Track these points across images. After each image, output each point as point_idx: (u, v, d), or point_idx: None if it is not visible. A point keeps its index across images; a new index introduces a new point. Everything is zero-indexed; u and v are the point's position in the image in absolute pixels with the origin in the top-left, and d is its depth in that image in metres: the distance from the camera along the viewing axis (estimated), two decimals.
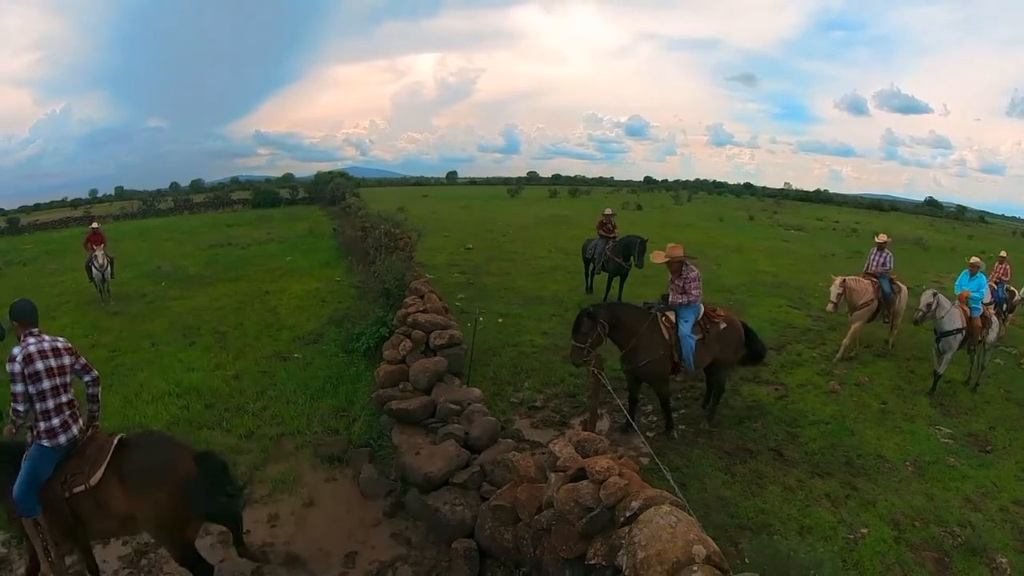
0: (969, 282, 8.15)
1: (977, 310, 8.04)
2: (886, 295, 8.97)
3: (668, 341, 5.83)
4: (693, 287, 5.99)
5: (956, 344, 7.77)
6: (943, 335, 7.73)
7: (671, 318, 5.97)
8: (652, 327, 5.83)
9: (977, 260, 8.35)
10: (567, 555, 3.12)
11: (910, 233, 31.54)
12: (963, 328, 7.75)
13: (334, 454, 5.67)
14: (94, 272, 11.86)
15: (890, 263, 9.29)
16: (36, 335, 3.57)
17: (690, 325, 5.92)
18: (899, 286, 9.31)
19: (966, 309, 7.93)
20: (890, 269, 9.27)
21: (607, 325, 5.60)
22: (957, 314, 7.77)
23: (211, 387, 7.30)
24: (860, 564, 4.40)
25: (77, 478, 3.51)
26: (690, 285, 5.99)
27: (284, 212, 34.55)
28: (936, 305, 7.63)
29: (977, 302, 8.06)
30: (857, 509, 5.05)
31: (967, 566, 4.45)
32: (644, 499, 2.82)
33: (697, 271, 6.11)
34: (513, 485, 3.97)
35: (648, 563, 2.45)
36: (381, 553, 4.42)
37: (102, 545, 4.53)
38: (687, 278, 6.00)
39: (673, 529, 2.53)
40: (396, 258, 10.27)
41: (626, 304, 6.04)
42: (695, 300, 6.01)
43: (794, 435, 6.33)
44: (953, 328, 7.70)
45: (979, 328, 8.00)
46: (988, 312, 8.29)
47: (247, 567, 4.29)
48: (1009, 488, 5.53)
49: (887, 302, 9.00)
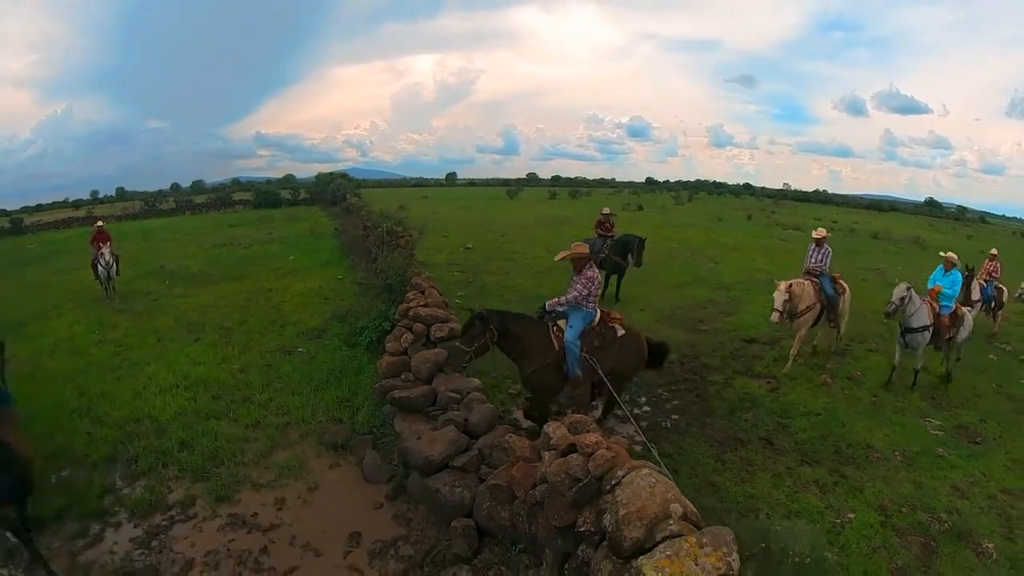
0: (943, 278, 7.91)
1: (947, 307, 7.81)
2: (829, 297, 8.35)
3: (557, 350, 5.47)
4: (574, 289, 5.53)
5: (923, 341, 7.62)
6: (908, 331, 7.62)
7: (563, 327, 5.60)
8: (540, 336, 5.51)
9: (951, 256, 8.07)
10: (559, 524, 3.29)
11: (909, 233, 31.68)
12: (930, 325, 7.60)
13: (338, 442, 5.85)
14: (100, 269, 12.01)
15: (827, 260, 8.58)
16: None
17: (576, 331, 5.50)
18: (843, 286, 8.73)
19: (935, 306, 7.75)
20: (827, 266, 8.58)
21: (496, 332, 5.30)
22: (926, 311, 7.61)
23: (218, 379, 7.47)
24: (847, 547, 4.53)
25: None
26: (575, 286, 5.55)
27: (285, 213, 34.72)
28: (908, 300, 7.50)
29: (949, 300, 7.84)
30: (845, 495, 5.19)
31: (953, 550, 4.57)
32: (628, 468, 3.00)
33: (597, 274, 5.74)
34: (509, 465, 4.15)
35: (629, 519, 2.62)
36: (383, 533, 4.58)
37: (114, 528, 4.71)
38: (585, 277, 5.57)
39: (652, 489, 2.71)
40: (398, 255, 10.44)
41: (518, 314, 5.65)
42: (573, 301, 5.53)
43: (785, 425, 6.48)
44: (920, 325, 7.55)
45: (946, 326, 7.77)
46: (960, 310, 8.07)
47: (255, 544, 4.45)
48: (998, 477, 5.65)
49: (830, 304, 8.37)
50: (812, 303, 8.11)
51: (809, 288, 8.14)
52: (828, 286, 8.41)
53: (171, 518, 4.83)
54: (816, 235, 8.73)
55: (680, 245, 20.04)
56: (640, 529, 2.60)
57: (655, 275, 13.61)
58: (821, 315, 8.32)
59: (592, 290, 5.63)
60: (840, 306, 8.56)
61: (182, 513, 4.89)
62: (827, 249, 8.61)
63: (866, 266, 17.45)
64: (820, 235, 8.69)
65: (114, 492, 5.16)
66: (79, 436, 6.08)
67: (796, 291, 7.92)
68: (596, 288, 5.70)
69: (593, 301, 5.70)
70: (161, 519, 4.82)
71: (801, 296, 7.98)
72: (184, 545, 4.53)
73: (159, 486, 5.20)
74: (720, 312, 11.28)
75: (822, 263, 8.57)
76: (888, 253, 21.31)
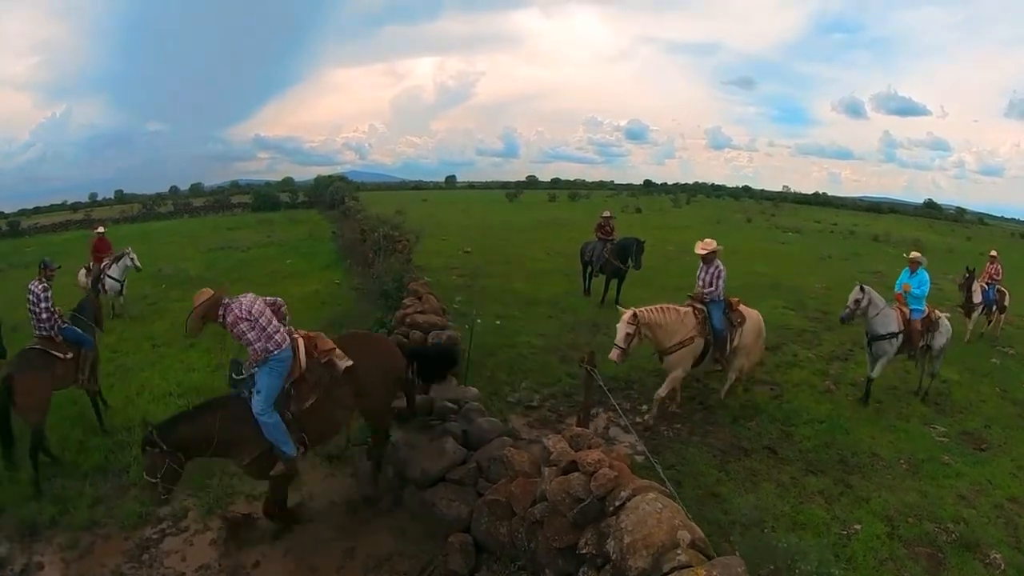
0: (911, 279, 7.30)
1: (918, 311, 7.20)
2: (717, 331, 6.45)
3: (254, 429, 4.11)
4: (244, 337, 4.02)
5: (892, 349, 7.02)
6: (875, 339, 7.04)
7: None
8: (236, 419, 4.15)
9: (916, 255, 7.49)
10: (559, 545, 3.19)
11: (909, 235, 31.66)
12: (899, 332, 7.01)
13: (333, 452, 5.73)
14: (109, 283, 11.01)
15: (719, 282, 6.54)
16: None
17: (267, 397, 4.06)
18: (741, 314, 6.73)
19: (905, 311, 7.17)
20: (719, 290, 6.56)
21: (177, 451, 4.02)
22: (893, 316, 7.03)
23: (212, 388, 7.33)
24: (853, 559, 4.44)
25: None
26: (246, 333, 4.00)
27: (284, 216, 34.67)
28: (867, 303, 6.92)
29: (919, 301, 7.24)
30: (850, 506, 5.10)
31: (960, 561, 4.48)
32: (633, 489, 2.90)
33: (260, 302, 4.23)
34: (508, 480, 4.04)
35: (634, 547, 2.52)
36: (379, 547, 4.47)
37: (103, 540, 4.60)
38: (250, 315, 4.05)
39: (659, 515, 2.60)
40: (395, 260, 10.35)
41: (197, 409, 4.25)
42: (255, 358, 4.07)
43: (788, 434, 6.38)
44: (887, 332, 6.95)
45: (919, 332, 7.14)
46: (935, 314, 7.39)
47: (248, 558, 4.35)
48: (1004, 485, 5.58)
49: (717, 340, 6.46)
50: (689, 337, 6.27)
51: (685, 317, 6.36)
52: (717, 316, 6.51)
53: (162, 531, 4.73)
54: (700, 249, 6.66)
55: (679, 248, 19.93)
56: (646, 559, 2.49)
57: (654, 278, 13.53)
58: (705, 354, 6.49)
59: (270, 325, 4.11)
60: (735, 340, 6.66)
61: (173, 526, 4.79)
62: (718, 268, 6.59)
63: (866, 269, 17.41)
64: (705, 249, 6.62)
65: (105, 503, 5.04)
66: (71, 444, 5.98)
67: (654, 321, 6.15)
68: (266, 314, 4.16)
69: (281, 333, 4.15)
70: (152, 532, 4.71)
71: (666, 327, 6.24)
72: (175, 559, 4.42)
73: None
74: None
75: (714, 287, 6.57)
76: (888, 256, 21.30)
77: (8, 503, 4.94)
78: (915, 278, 7.29)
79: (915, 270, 7.32)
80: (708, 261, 6.61)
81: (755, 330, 6.92)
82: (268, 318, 4.14)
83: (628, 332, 6.01)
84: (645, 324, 6.09)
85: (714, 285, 6.55)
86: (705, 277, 6.64)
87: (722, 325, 6.52)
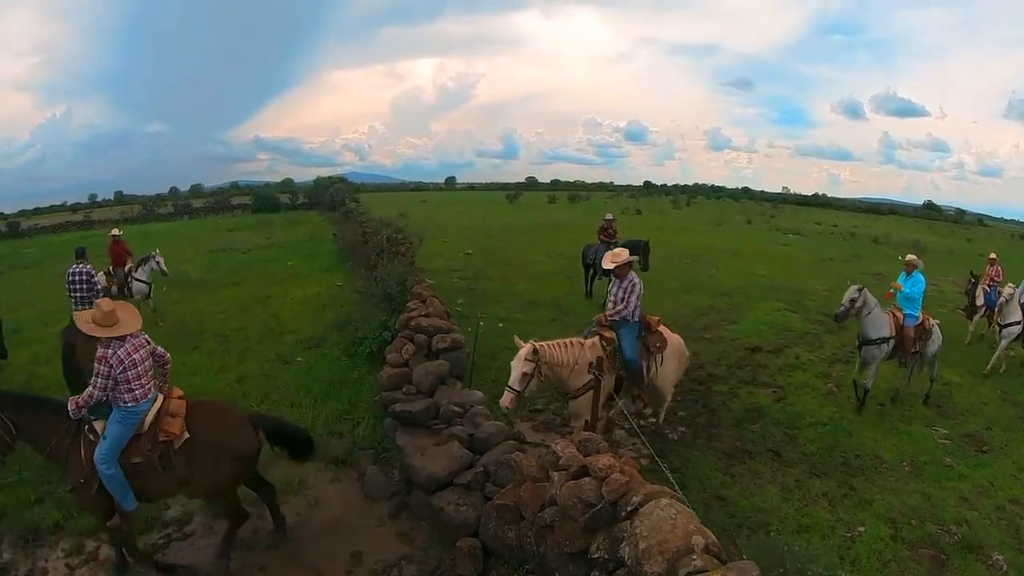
0: (905, 280, 7.18)
1: (912, 317, 7.02)
2: (630, 363, 5.31)
3: (87, 469, 3.70)
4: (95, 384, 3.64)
5: (881, 355, 6.90)
6: (865, 342, 6.91)
7: (98, 429, 3.77)
8: (64, 441, 3.75)
9: (912, 257, 7.31)
10: (571, 550, 3.21)
11: (909, 236, 31.73)
12: (890, 337, 6.88)
13: (339, 456, 5.73)
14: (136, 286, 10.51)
15: (634, 298, 5.34)
16: None
17: (111, 446, 3.66)
18: (661, 337, 5.67)
19: (898, 315, 7.03)
20: (633, 310, 5.34)
21: (10, 424, 3.71)
22: (886, 321, 6.89)
23: (215, 391, 7.34)
24: (857, 561, 4.48)
25: None
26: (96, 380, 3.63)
27: (284, 217, 34.66)
28: (862, 303, 6.78)
29: (912, 304, 7.06)
30: (854, 508, 5.13)
31: (963, 563, 4.52)
32: (645, 494, 2.92)
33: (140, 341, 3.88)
34: (516, 484, 4.05)
35: (649, 553, 2.54)
36: (386, 553, 4.48)
37: (109, 545, 4.60)
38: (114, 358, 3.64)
39: (673, 521, 2.63)
40: (398, 263, 10.34)
41: (38, 400, 3.99)
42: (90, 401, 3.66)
43: (792, 436, 6.41)
44: (878, 336, 6.82)
45: (911, 339, 6.96)
46: (928, 322, 7.26)
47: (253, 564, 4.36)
48: (1006, 487, 5.61)
49: (630, 374, 5.38)
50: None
51: (587, 352, 5.18)
52: (628, 343, 5.31)
53: (168, 536, 4.72)
54: (608, 263, 5.49)
55: (680, 250, 20.00)
56: (662, 564, 2.51)
57: (656, 281, 13.52)
58: (619, 389, 5.46)
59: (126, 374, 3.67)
60: (652, 371, 5.60)
61: (179, 531, 4.78)
62: (632, 282, 5.40)
63: (867, 271, 17.44)
64: (615, 261, 5.43)
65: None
66: None
67: (555, 359, 5.03)
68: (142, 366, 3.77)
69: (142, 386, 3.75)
70: (158, 537, 4.69)
71: (571, 366, 5.08)
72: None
73: (155, 503, 5.08)
74: (723, 319, 11.22)
75: (623, 306, 5.36)
76: (888, 257, 21.35)
77: (11, 508, 4.91)
78: (909, 280, 7.16)
79: (910, 272, 7.17)
80: (620, 275, 5.41)
81: (676, 356, 5.92)
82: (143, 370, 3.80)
83: (525, 372, 4.91)
84: (546, 363, 4.99)
85: (625, 302, 5.34)
86: (617, 293, 5.42)
87: (635, 354, 5.32)
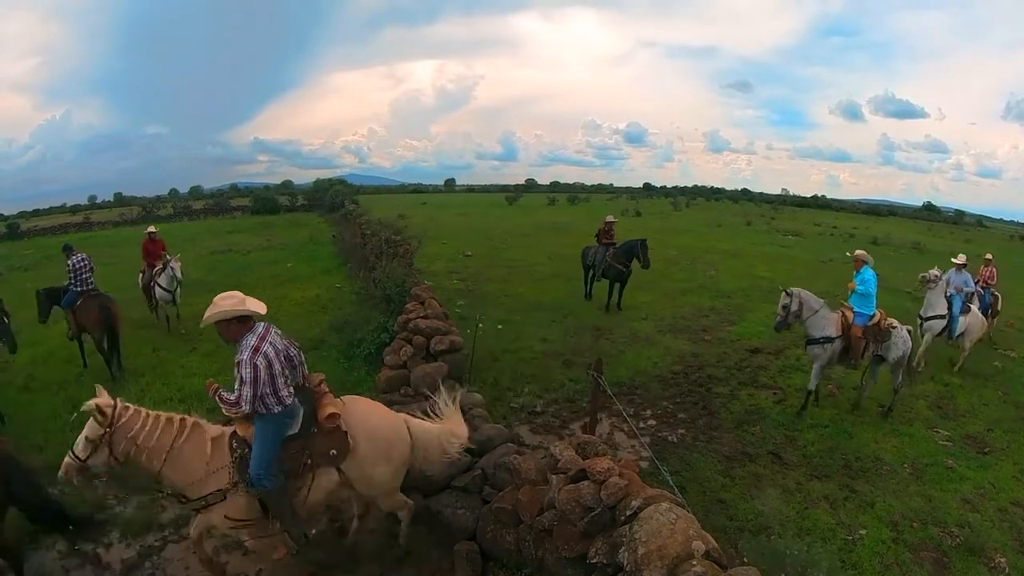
0: (855, 277, 6.79)
1: (862, 316, 6.60)
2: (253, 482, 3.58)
3: None
4: None
5: (825, 356, 6.59)
6: (809, 342, 6.71)
7: None
8: None
9: (861, 253, 6.92)
10: (569, 554, 3.17)
11: (908, 238, 31.70)
12: (835, 337, 6.55)
13: None
14: (159, 291, 10.22)
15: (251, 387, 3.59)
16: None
17: None
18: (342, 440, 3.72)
19: (848, 315, 6.66)
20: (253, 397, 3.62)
21: None
22: (832, 320, 6.59)
23: None
24: (859, 565, 4.44)
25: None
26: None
27: (284, 219, 34.63)
28: (798, 306, 6.60)
29: (864, 303, 6.62)
30: (855, 511, 5.10)
31: (965, 566, 4.49)
32: (644, 498, 2.89)
33: None
34: (515, 488, 4.02)
35: (649, 558, 2.51)
36: (384, 556, 4.44)
37: (105, 548, 4.57)
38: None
39: (673, 525, 2.59)
40: (397, 265, 10.32)
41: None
42: None
43: (792, 438, 6.38)
44: (820, 336, 6.55)
45: (859, 339, 6.56)
46: (886, 323, 6.69)
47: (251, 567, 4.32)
48: (1007, 489, 5.59)
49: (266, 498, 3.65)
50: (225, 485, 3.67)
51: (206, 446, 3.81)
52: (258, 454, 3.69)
53: (164, 538, 4.68)
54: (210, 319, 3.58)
55: (679, 252, 19.99)
56: (661, 570, 2.48)
57: (656, 282, 13.55)
58: None
59: None
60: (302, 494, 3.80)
61: (175, 533, 4.74)
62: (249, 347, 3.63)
63: None
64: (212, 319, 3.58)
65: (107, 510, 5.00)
66: None
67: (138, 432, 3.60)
68: None
69: None
70: (154, 539, 4.66)
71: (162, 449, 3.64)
72: (178, 567, 4.38)
73: (152, 505, 5.05)
74: (723, 321, 11.19)
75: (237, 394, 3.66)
76: (888, 259, 21.33)
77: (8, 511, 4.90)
78: (857, 276, 6.74)
79: (859, 269, 6.73)
80: (229, 339, 3.68)
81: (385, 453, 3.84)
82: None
83: (88, 436, 3.52)
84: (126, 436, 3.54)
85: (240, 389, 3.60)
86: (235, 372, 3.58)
87: (266, 471, 3.56)
